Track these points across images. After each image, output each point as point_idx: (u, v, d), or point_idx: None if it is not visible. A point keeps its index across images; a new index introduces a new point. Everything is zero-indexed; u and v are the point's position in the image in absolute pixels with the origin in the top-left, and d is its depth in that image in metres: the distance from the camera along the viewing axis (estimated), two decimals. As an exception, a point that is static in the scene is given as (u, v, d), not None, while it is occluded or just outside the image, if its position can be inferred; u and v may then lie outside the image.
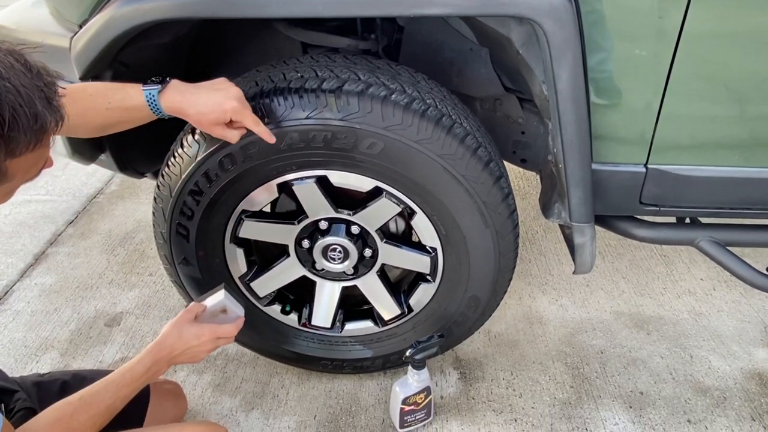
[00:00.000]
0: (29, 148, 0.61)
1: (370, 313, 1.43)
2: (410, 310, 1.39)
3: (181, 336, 1.00)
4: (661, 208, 1.21)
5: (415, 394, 1.33)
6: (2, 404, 0.97)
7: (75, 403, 0.87)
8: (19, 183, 0.68)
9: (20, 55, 0.61)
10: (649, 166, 1.15)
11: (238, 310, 1.12)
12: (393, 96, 1.08)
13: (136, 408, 1.18)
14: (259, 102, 1.08)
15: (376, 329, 1.43)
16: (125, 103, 0.96)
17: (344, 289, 1.37)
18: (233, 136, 1.03)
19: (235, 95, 1.00)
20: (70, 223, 2.21)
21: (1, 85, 0.56)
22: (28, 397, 1.05)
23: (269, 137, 1.04)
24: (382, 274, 1.36)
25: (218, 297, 1.10)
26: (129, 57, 1.16)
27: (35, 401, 1.05)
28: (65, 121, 0.64)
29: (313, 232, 1.29)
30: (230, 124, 1.02)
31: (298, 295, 1.46)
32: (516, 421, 1.41)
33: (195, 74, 1.46)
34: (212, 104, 0.97)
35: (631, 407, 1.45)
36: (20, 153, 0.60)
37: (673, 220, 1.38)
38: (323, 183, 1.19)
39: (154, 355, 0.98)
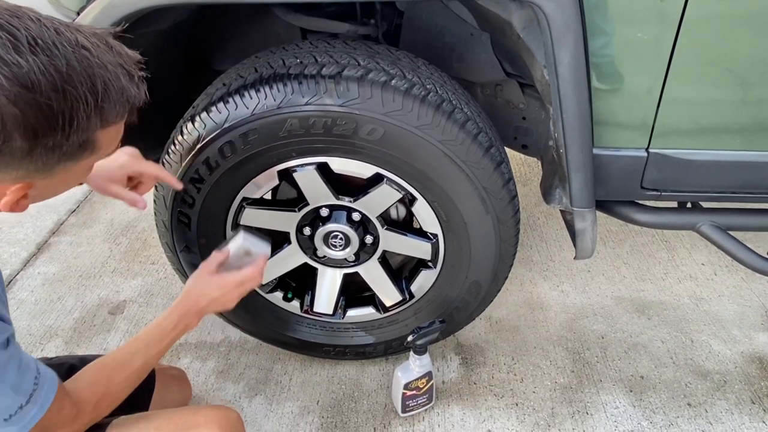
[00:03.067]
0: (119, 119, 0.68)
1: (372, 300, 1.43)
2: (411, 296, 1.39)
3: (204, 288, 1.00)
4: (662, 193, 1.21)
5: (416, 379, 1.34)
6: None
7: (110, 365, 0.90)
8: (101, 157, 0.72)
9: (101, 37, 0.66)
10: (650, 150, 1.15)
11: (262, 249, 1.08)
12: (393, 81, 1.08)
13: (142, 393, 1.19)
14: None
15: (378, 315, 1.43)
16: None
17: (346, 275, 1.38)
18: (131, 198, 1.04)
19: (128, 150, 1.04)
20: (72, 212, 2.21)
21: (93, 62, 0.62)
22: None
23: (176, 183, 1.10)
24: (384, 260, 1.36)
25: (238, 240, 1.07)
26: (127, 44, 1.15)
27: None
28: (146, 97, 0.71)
29: (314, 219, 1.29)
30: (134, 187, 1.06)
31: (300, 282, 1.47)
32: (517, 405, 1.43)
33: (194, 62, 1.46)
34: (106, 162, 1.01)
35: (631, 391, 1.46)
36: (111, 124, 0.67)
37: (674, 204, 1.38)
38: (324, 170, 1.19)
39: (180, 310, 0.98)
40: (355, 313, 1.45)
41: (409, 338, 1.31)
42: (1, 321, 0.73)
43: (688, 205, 1.38)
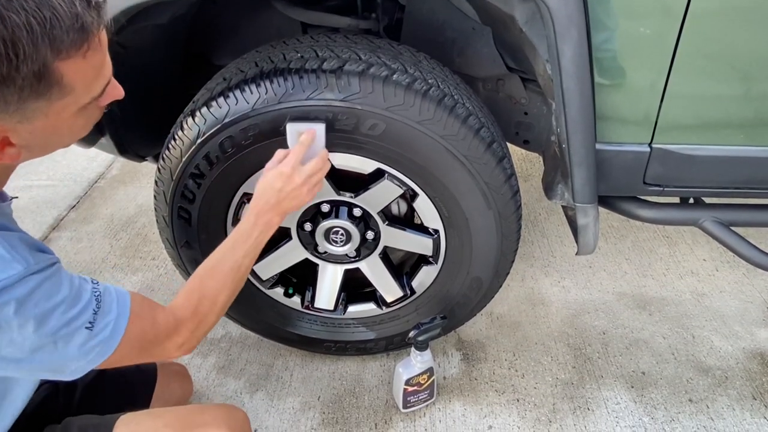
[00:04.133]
0: (76, 48, 0.63)
1: (373, 296, 1.43)
2: (413, 292, 1.39)
3: (266, 183, 0.99)
4: (665, 188, 1.21)
5: (418, 375, 1.34)
6: None
7: (201, 273, 0.92)
8: (82, 99, 0.68)
9: None
10: (653, 145, 1.14)
11: (316, 128, 1.04)
12: (394, 76, 1.07)
13: (143, 389, 1.20)
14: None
15: (379, 311, 1.43)
16: None
17: (347, 271, 1.38)
18: None
19: None
20: (72, 207, 2.21)
21: None
22: None
23: None
24: (385, 256, 1.35)
25: (289, 134, 1.04)
26: (126, 38, 1.15)
27: None
28: (108, 24, 0.68)
29: (315, 214, 1.28)
30: None
31: (301, 278, 1.46)
32: (518, 401, 1.43)
33: (193, 57, 1.45)
34: None
35: (632, 387, 1.46)
36: (68, 54, 0.62)
37: (676, 200, 1.38)
38: (325, 165, 1.18)
39: (254, 210, 0.98)
40: (356, 309, 1.44)
41: (411, 334, 1.30)
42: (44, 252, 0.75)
43: (691, 200, 1.38)
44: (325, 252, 1.34)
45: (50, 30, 0.60)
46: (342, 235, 1.28)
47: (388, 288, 1.39)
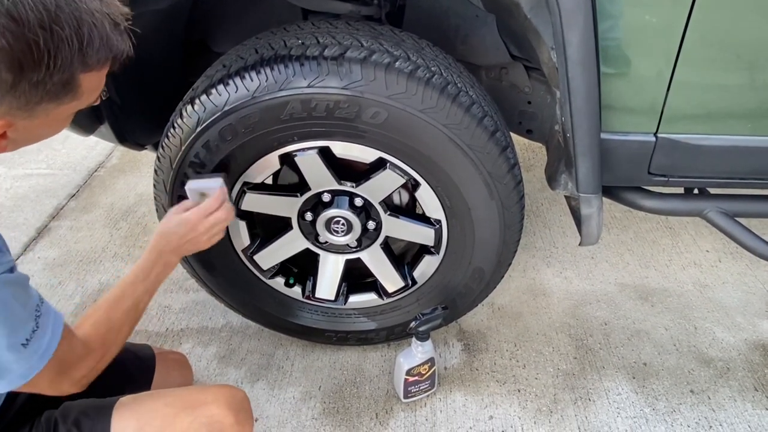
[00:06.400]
0: (100, 65, 0.71)
1: (374, 286, 1.42)
2: (414, 282, 1.38)
3: (169, 227, 1.05)
4: (670, 179, 1.19)
5: (419, 365, 1.34)
6: None
7: (105, 306, 0.94)
8: (82, 105, 0.75)
9: None
10: (659, 135, 1.13)
11: (214, 184, 1.10)
12: (397, 63, 1.05)
13: (143, 378, 1.20)
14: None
15: (380, 302, 1.42)
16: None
17: (348, 261, 1.37)
18: None
19: None
20: (72, 196, 2.20)
21: (82, 7, 0.66)
22: None
23: None
24: (386, 246, 1.35)
25: (190, 189, 1.10)
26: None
27: None
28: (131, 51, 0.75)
29: (316, 204, 1.27)
30: None
31: (302, 268, 1.46)
32: (519, 391, 1.42)
33: (193, 44, 1.43)
34: None
35: (634, 378, 1.46)
36: (91, 68, 0.70)
37: (680, 190, 1.36)
38: (326, 154, 1.17)
39: (156, 249, 1.03)
40: (357, 299, 1.44)
41: (412, 324, 1.30)
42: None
43: (695, 191, 1.37)
44: (326, 242, 1.33)
45: (86, 47, 0.67)
46: (343, 225, 1.27)
47: (390, 278, 1.38)
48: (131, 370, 1.18)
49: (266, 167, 1.20)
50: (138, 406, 0.93)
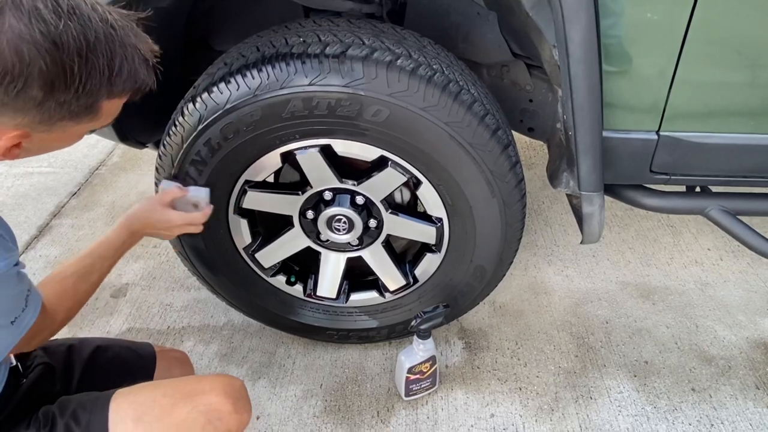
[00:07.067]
0: (125, 94, 0.75)
1: (376, 284, 1.42)
2: (415, 280, 1.38)
3: (153, 216, 1.09)
4: (672, 177, 1.19)
5: (420, 363, 1.34)
6: (19, 363, 1.01)
7: (72, 277, 0.98)
8: (96, 126, 0.79)
9: (129, 21, 0.74)
10: (661, 133, 1.12)
11: (205, 199, 1.16)
12: (398, 61, 1.05)
13: (143, 376, 1.20)
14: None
15: (382, 300, 1.42)
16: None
17: (349, 259, 1.37)
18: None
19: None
20: (73, 195, 2.20)
21: (117, 41, 0.70)
22: (44, 353, 1.07)
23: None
24: (387, 244, 1.35)
25: (201, 192, 1.15)
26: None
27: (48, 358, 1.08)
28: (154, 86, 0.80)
29: (318, 202, 1.27)
30: None
31: (303, 266, 1.46)
32: (521, 389, 1.42)
33: (195, 42, 1.43)
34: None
35: (635, 376, 1.46)
36: (116, 96, 0.74)
37: (682, 188, 1.36)
38: (327, 152, 1.17)
39: (128, 229, 1.07)
40: (358, 298, 1.44)
41: (413, 322, 1.30)
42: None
43: (697, 189, 1.36)
44: (328, 240, 1.33)
45: (115, 77, 0.71)
46: (344, 223, 1.27)
47: (391, 276, 1.38)
48: (132, 368, 1.18)
49: (268, 165, 1.20)
50: (135, 396, 0.93)
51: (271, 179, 1.27)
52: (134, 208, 1.10)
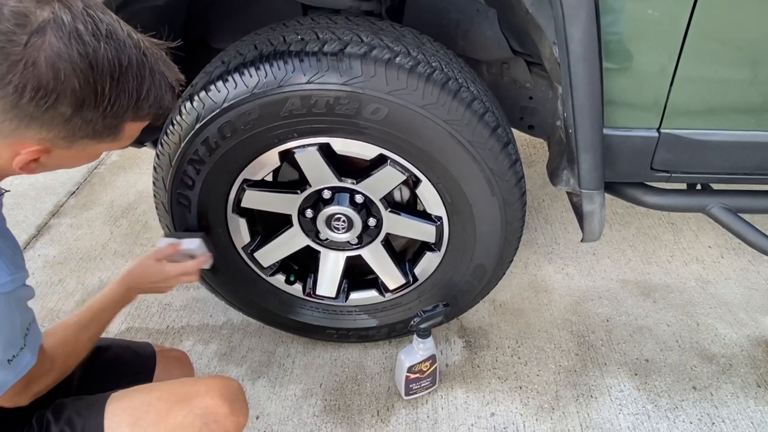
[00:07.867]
0: (148, 118, 0.77)
1: (375, 283, 1.42)
2: (415, 279, 1.38)
3: (148, 272, 1.12)
4: (673, 174, 1.19)
5: (420, 362, 1.33)
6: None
7: (74, 326, 0.98)
8: (115, 147, 0.80)
9: (160, 50, 0.76)
10: (661, 130, 1.12)
11: (199, 249, 1.18)
12: (397, 59, 1.05)
13: (143, 375, 1.19)
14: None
15: (381, 299, 1.42)
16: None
17: (348, 258, 1.36)
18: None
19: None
20: (72, 194, 2.20)
21: (147, 67, 0.72)
22: None
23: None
24: (387, 243, 1.34)
25: (194, 243, 1.17)
26: (123, 20, 1.12)
27: None
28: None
29: (317, 201, 1.27)
30: None
31: (303, 265, 1.45)
32: (521, 388, 1.42)
33: (192, 40, 1.42)
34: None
35: (636, 374, 1.46)
36: (139, 119, 0.76)
37: (683, 186, 1.35)
38: (326, 151, 1.16)
39: (126, 285, 1.08)
40: (358, 297, 1.43)
41: (413, 321, 1.29)
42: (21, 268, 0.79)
43: (698, 186, 1.36)
44: (327, 239, 1.32)
45: (142, 101, 0.73)
46: (344, 222, 1.26)
47: (391, 275, 1.37)
48: (132, 368, 1.17)
49: (266, 164, 1.20)
50: (130, 401, 0.93)
51: (269, 178, 1.27)
52: (130, 265, 1.12)
